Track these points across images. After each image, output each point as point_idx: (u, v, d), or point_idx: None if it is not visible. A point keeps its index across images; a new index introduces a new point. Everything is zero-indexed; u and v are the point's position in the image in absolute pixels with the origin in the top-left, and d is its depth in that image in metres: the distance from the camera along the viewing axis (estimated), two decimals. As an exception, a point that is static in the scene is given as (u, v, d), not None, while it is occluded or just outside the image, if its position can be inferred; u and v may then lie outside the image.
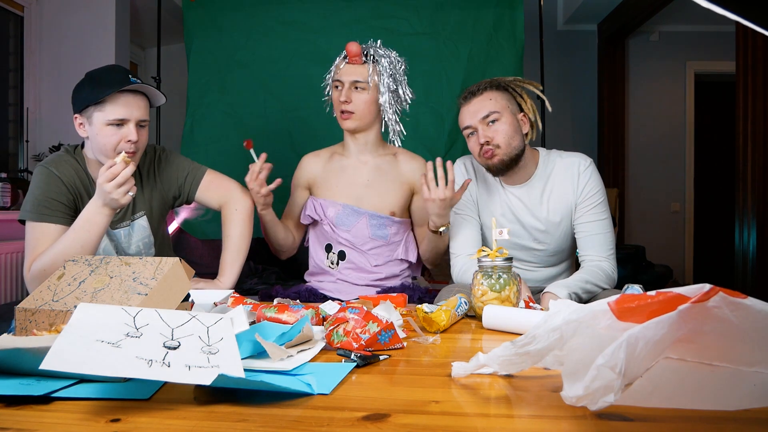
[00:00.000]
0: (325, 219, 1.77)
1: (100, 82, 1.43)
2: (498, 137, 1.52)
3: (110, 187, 1.33)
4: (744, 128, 3.24)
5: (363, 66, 1.69)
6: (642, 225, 4.90)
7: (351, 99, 1.67)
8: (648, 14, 4.30)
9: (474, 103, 1.55)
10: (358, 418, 0.62)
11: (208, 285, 1.59)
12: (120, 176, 1.33)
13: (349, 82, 1.68)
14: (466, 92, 1.59)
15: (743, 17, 0.52)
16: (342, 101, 1.68)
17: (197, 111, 2.95)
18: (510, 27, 2.92)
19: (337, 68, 1.72)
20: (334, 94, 1.72)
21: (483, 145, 1.53)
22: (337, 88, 1.71)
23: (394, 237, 1.78)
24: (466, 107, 1.57)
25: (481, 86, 1.57)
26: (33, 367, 0.68)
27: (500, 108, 1.54)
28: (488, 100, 1.54)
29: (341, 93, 1.68)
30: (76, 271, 1.09)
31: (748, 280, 3.20)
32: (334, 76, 1.72)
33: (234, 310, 1.02)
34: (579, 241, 1.60)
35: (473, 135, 1.56)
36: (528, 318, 1.06)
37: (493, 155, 1.53)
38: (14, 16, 3.38)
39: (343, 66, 1.70)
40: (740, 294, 0.53)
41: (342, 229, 1.75)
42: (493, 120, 1.53)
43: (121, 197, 1.35)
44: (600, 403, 0.55)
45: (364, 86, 1.68)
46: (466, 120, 1.56)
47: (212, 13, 2.99)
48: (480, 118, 1.53)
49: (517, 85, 1.60)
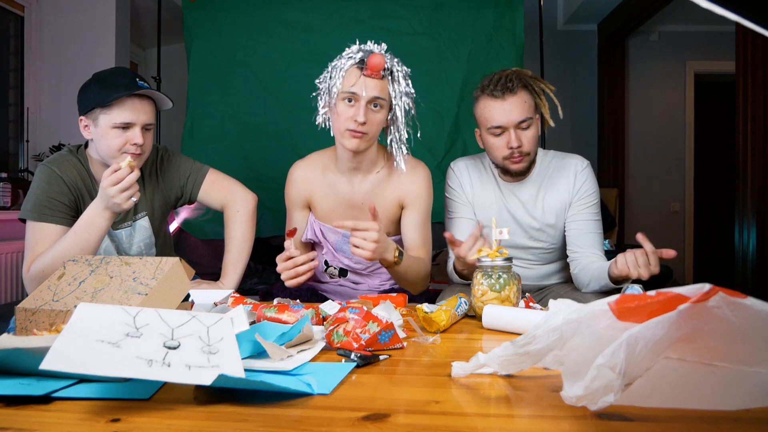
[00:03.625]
0: (325, 243, 1.69)
1: (107, 85, 1.43)
2: (528, 144, 1.51)
3: (114, 191, 1.33)
4: (744, 128, 3.24)
5: (383, 81, 1.45)
6: (642, 225, 4.89)
7: (369, 120, 1.44)
8: (648, 14, 4.31)
9: (510, 102, 1.48)
10: (358, 418, 0.62)
11: (210, 287, 1.58)
12: (125, 181, 1.33)
13: (368, 99, 1.42)
14: (497, 84, 1.48)
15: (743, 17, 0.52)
16: (360, 122, 1.42)
17: (197, 111, 2.96)
18: (510, 27, 2.93)
19: (349, 77, 1.44)
20: (342, 108, 1.45)
21: (513, 148, 1.49)
22: (349, 102, 1.44)
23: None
24: (499, 103, 1.49)
25: (513, 82, 1.49)
26: (33, 367, 0.68)
27: (531, 113, 1.51)
28: (523, 102, 1.49)
29: (355, 109, 1.43)
30: (76, 271, 1.09)
31: (748, 280, 3.20)
32: (345, 88, 1.44)
33: (234, 310, 1.02)
34: (570, 238, 1.58)
35: (502, 135, 1.51)
36: (528, 318, 1.06)
37: (521, 161, 1.53)
38: (14, 16, 3.38)
39: (360, 78, 1.43)
40: (740, 294, 0.53)
41: (343, 255, 1.69)
42: (525, 126, 1.50)
43: (123, 202, 1.35)
44: (600, 403, 0.55)
45: (382, 104, 1.46)
46: (498, 118, 1.49)
47: (212, 13, 3.00)
48: (516, 122, 1.49)
49: (536, 84, 1.56)
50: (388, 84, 1.46)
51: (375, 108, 1.45)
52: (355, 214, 1.60)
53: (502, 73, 1.53)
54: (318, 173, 1.62)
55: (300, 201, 1.65)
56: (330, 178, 1.61)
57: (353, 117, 1.43)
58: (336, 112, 1.47)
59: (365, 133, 1.44)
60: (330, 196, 1.62)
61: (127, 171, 1.34)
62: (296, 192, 1.65)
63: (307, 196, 1.65)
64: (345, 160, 1.55)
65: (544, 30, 3.35)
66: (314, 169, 1.63)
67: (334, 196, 1.61)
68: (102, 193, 1.35)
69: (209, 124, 2.94)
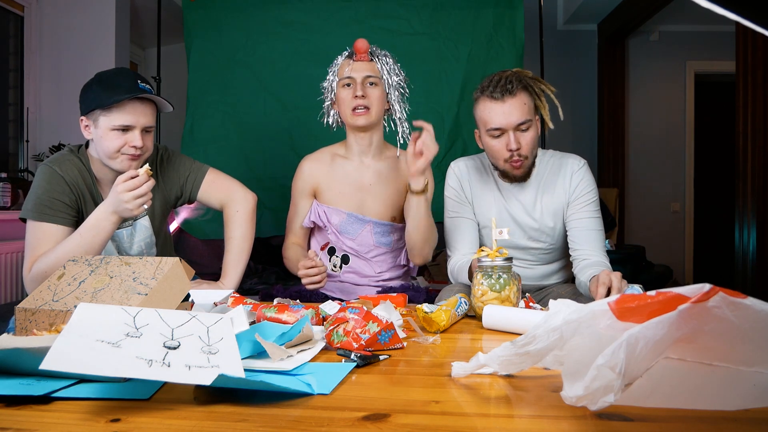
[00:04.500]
0: (329, 226, 1.76)
1: (108, 86, 1.43)
2: (527, 147, 1.51)
3: (128, 196, 1.33)
4: (744, 128, 3.24)
5: (371, 62, 1.69)
6: (642, 225, 4.90)
7: (367, 94, 1.66)
8: (648, 14, 4.31)
9: (509, 104, 1.48)
10: (358, 418, 0.62)
11: (210, 287, 1.58)
12: (141, 188, 1.34)
13: (362, 78, 1.66)
14: (496, 85, 1.50)
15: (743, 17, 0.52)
16: (359, 96, 1.65)
17: (197, 111, 2.95)
18: (510, 27, 2.92)
19: (343, 68, 1.70)
20: (343, 93, 1.68)
21: (512, 151, 1.50)
22: (348, 87, 1.68)
23: (397, 244, 1.79)
24: (499, 105, 1.49)
25: (513, 84, 1.49)
26: (33, 367, 0.68)
27: (531, 115, 1.51)
28: (523, 104, 1.49)
29: (354, 90, 1.66)
30: (76, 271, 1.09)
31: (748, 280, 3.20)
32: (343, 75, 1.69)
33: (234, 310, 1.02)
34: (572, 237, 1.58)
35: (501, 137, 1.51)
36: (528, 318, 1.06)
37: (520, 165, 1.53)
38: (14, 16, 3.38)
39: (352, 64, 1.68)
40: (740, 294, 0.53)
41: (347, 237, 1.75)
42: (525, 128, 1.50)
43: (135, 208, 1.35)
44: (600, 403, 0.55)
45: (375, 81, 1.68)
46: (497, 120, 1.49)
47: (212, 13, 2.99)
48: (515, 125, 1.49)
49: (537, 85, 1.56)
50: (376, 64, 1.70)
51: (370, 86, 1.68)
52: (363, 196, 1.75)
53: (502, 74, 1.52)
54: (326, 162, 1.79)
55: (307, 190, 1.80)
56: (339, 163, 1.78)
57: (353, 95, 1.66)
58: (339, 99, 1.71)
59: (367, 107, 1.66)
60: (338, 181, 1.76)
61: (145, 178, 1.35)
62: (303, 182, 1.80)
63: (314, 184, 1.80)
64: (354, 143, 1.75)
65: (544, 30, 3.35)
66: (322, 159, 1.80)
67: (343, 179, 1.76)
68: (114, 197, 1.35)
69: (209, 124, 2.94)
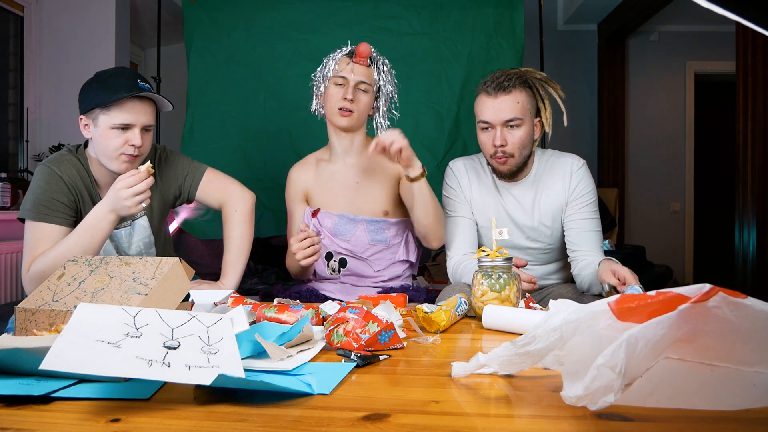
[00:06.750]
0: (323, 230, 1.75)
1: (108, 85, 1.43)
2: (513, 145, 1.51)
3: (127, 193, 1.33)
4: (744, 128, 3.24)
5: (369, 68, 1.68)
6: (642, 225, 4.90)
7: (356, 98, 1.65)
8: (648, 14, 4.31)
9: (501, 100, 1.50)
10: (358, 418, 0.62)
11: (210, 287, 1.58)
12: (141, 185, 1.34)
13: (356, 82, 1.65)
14: (493, 81, 1.52)
15: (743, 17, 0.52)
16: (348, 98, 1.64)
17: (197, 111, 2.95)
18: (510, 27, 2.92)
19: (338, 64, 1.68)
20: (333, 90, 1.67)
21: (497, 147, 1.51)
22: (339, 85, 1.67)
23: (393, 239, 1.77)
24: (491, 101, 1.51)
25: (511, 81, 1.51)
26: (33, 367, 0.68)
27: (523, 114, 1.51)
28: (516, 102, 1.50)
29: (344, 90, 1.65)
30: (76, 271, 1.09)
31: (748, 280, 3.20)
32: (336, 73, 1.67)
33: (234, 310, 1.02)
34: (570, 237, 1.58)
35: (488, 131, 1.53)
36: (528, 318, 1.06)
37: (505, 162, 1.53)
38: (14, 16, 3.38)
39: (348, 64, 1.66)
40: (740, 294, 0.53)
41: (341, 239, 1.74)
42: (514, 125, 1.51)
43: (133, 206, 1.35)
44: (600, 403, 0.55)
45: (367, 89, 1.67)
46: (486, 114, 1.52)
47: (212, 13, 2.99)
48: (503, 121, 1.50)
49: (542, 86, 1.56)
50: (373, 72, 1.69)
51: (361, 91, 1.67)
52: (352, 196, 1.75)
53: (505, 72, 1.55)
54: (312, 167, 1.81)
55: (299, 198, 1.82)
56: (323, 166, 1.79)
57: (342, 96, 1.65)
58: (327, 95, 1.69)
59: (352, 111, 1.66)
60: (326, 185, 1.77)
61: (145, 175, 1.35)
62: (294, 190, 1.82)
63: (305, 191, 1.81)
64: (337, 144, 1.75)
65: (544, 30, 3.35)
66: (308, 165, 1.82)
67: (330, 181, 1.77)
68: (112, 195, 1.35)
69: (209, 124, 2.94)
